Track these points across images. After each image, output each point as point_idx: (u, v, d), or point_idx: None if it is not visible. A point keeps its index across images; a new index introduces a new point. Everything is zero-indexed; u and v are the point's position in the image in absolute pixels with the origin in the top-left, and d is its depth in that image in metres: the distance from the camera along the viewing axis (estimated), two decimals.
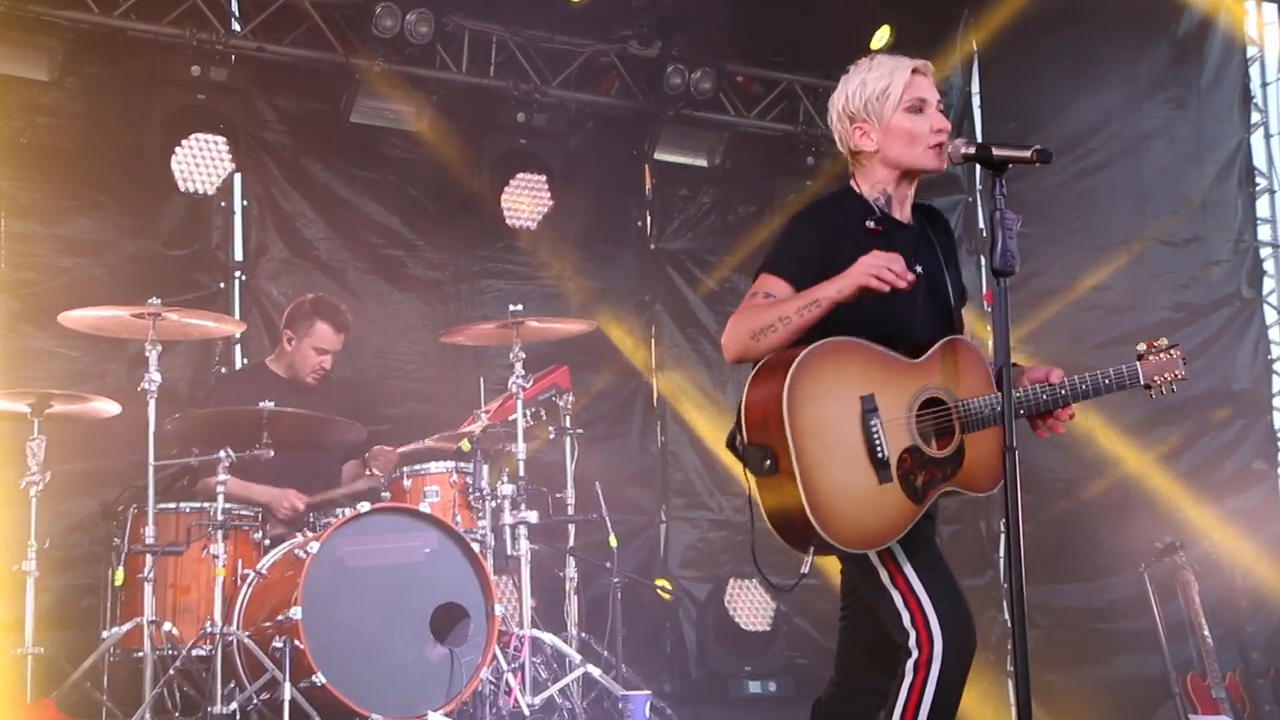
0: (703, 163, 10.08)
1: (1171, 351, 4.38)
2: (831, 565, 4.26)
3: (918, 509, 4.00)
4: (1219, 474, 10.36)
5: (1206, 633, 8.51)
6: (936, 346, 4.12)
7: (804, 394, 3.92)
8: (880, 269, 3.89)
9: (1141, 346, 4.36)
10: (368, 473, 7.53)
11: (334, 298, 8.05)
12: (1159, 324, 10.57)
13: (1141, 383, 4.33)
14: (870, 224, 4.17)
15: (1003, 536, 9.30)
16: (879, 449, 3.95)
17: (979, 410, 4.09)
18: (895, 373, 4.06)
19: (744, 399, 4.01)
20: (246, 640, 6.40)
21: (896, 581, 4.00)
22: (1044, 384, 4.21)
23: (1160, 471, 10.00)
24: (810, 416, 3.91)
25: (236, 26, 8.67)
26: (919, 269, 4.17)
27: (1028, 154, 3.88)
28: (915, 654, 3.94)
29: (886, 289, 3.90)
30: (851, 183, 4.31)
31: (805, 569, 3.96)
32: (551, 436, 7.63)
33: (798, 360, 3.93)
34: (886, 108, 4.19)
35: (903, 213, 4.28)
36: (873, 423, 3.96)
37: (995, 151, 3.92)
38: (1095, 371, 4.26)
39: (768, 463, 3.91)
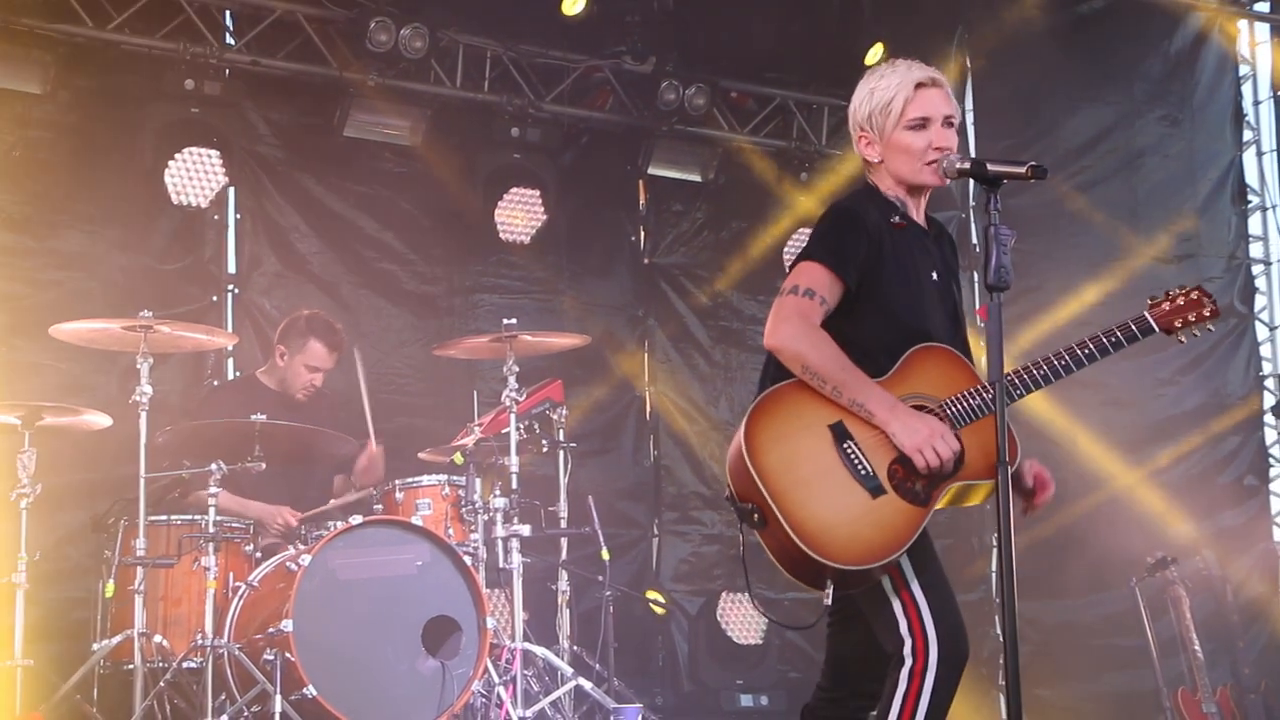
0: (696, 178, 10.08)
1: (1192, 293, 4.28)
2: None
3: (925, 511, 3.97)
4: (1211, 489, 10.37)
5: (1198, 648, 8.51)
6: (905, 356, 4.10)
7: (765, 438, 3.95)
8: (934, 453, 3.90)
9: (1154, 296, 4.27)
10: (355, 486, 7.55)
11: (327, 312, 8.05)
12: (1152, 339, 10.56)
13: (1157, 330, 4.26)
14: (895, 219, 4.19)
15: (995, 551, 9.30)
16: (860, 467, 3.95)
17: (963, 403, 4.06)
18: None
19: (727, 459, 4.05)
20: (237, 652, 6.39)
21: (899, 590, 3.99)
22: (1045, 357, 4.16)
23: (1152, 487, 10.01)
24: (776, 458, 3.93)
25: (230, 40, 8.69)
26: (934, 275, 4.23)
27: (1022, 170, 3.86)
28: (909, 662, 3.93)
29: (925, 467, 3.91)
30: (870, 182, 4.31)
31: (827, 600, 3.95)
32: (544, 450, 7.63)
33: (750, 409, 3.98)
34: (888, 123, 4.19)
35: (918, 218, 4.30)
36: (846, 445, 3.96)
37: (990, 167, 3.92)
38: (1099, 332, 4.20)
39: (756, 516, 3.93)
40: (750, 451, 3.92)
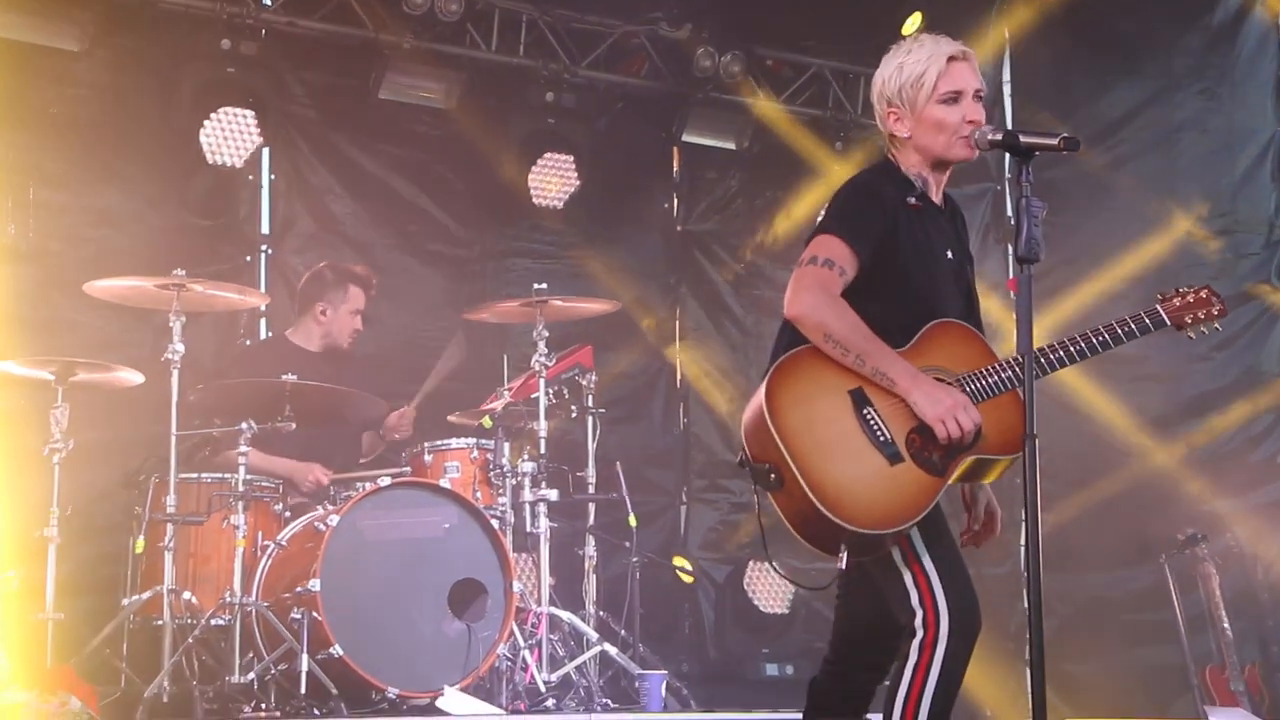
0: (731, 145, 10.03)
1: (1201, 292, 4.35)
2: None
3: (941, 481, 3.97)
4: (1243, 467, 10.29)
5: (1226, 625, 8.48)
6: (923, 330, 4.10)
7: (785, 400, 3.95)
8: (955, 423, 3.90)
9: (1167, 291, 4.33)
10: (384, 440, 7.62)
11: None
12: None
13: (1168, 323, 4.31)
14: (912, 199, 4.18)
15: (1023, 525, 9.28)
16: (879, 434, 3.95)
17: (982, 379, 4.06)
18: None
19: (744, 420, 4.04)
20: (265, 611, 6.44)
21: (909, 561, 3.98)
22: (1060, 341, 4.17)
23: (1183, 463, 9.95)
24: (797, 418, 3.93)
25: (267, 1, 8.67)
26: (949, 254, 4.22)
27: (1055, 141, 3.86)
28: (921, 634, 3.93)
29: (945, 438, 3.90)
30: (889, 158, 4.30)
31: (842, 565, 3.95)
32: (573, 415, 7.64)
33: (773, 369, 3.99)
34: (920, 96, 4.17)
35: (936, 196, 4.28)
36: (865, 411, 3.96)
37: (1022, 139, 3.91)
38: (1112, 321, 4.22)
39: (773, 476, 3.92)
40: (771, 412, 3.92)
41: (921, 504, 3.95)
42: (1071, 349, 4.16)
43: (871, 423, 3.96)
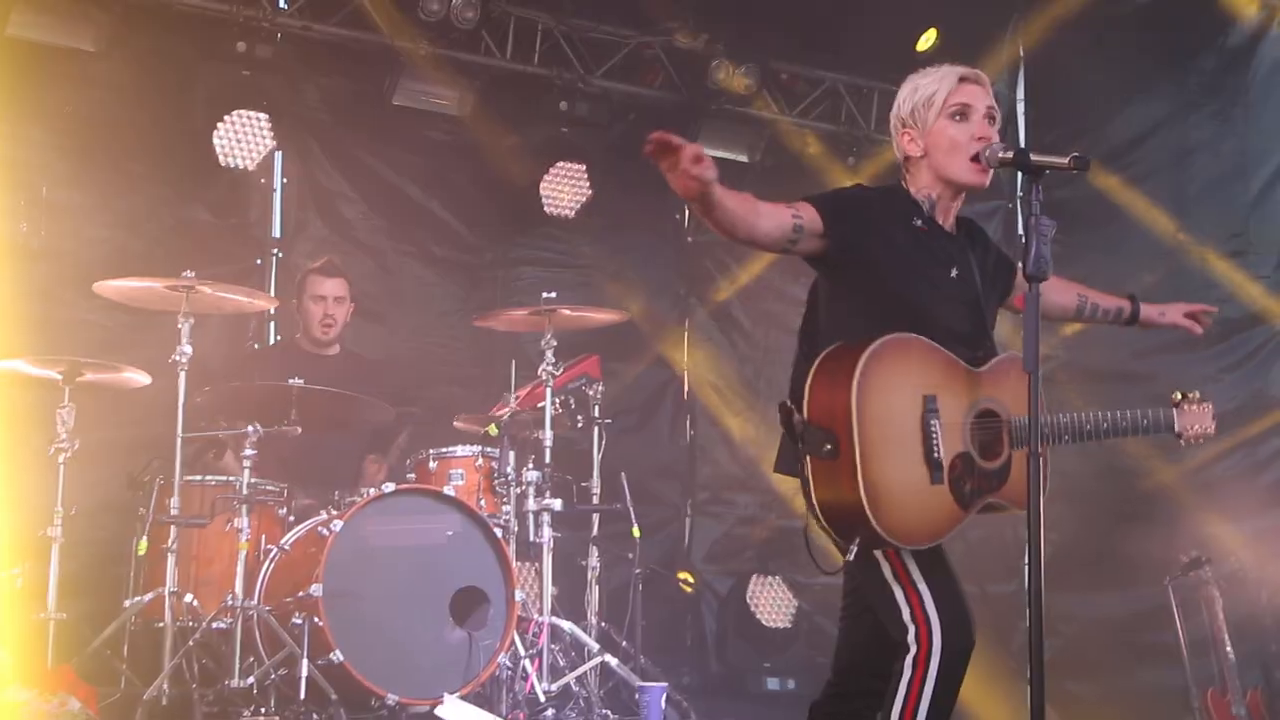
0: (743, 158, 10.03)
1: (1204, 406, 4.55)
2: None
3: (964, 514, 4.01)
4: (1250, 491, 10.26)
5: (1229, 649, 8.44)
6: (996, 360, 4.16)
7: (873, 384, 3.91)
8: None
9: (1177, 395, 4.52)
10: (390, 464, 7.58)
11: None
12: (1197, 337, 10.47)
13: (1175, 431, 4.53)
14: (918, 222, 4.20)
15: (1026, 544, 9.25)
16: (935, 449, 3.96)
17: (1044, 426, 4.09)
18: (957, 378, 4.07)
19: (811, 379, 3.98)
20: (266, 615, 6.44)
21: (899, 577, 4.00)
22: (1077, 416, 4.36)
23: (1190, 485, 9.92)
24: (877, 407, 3.91)
25: (283, 4, 8.69)
26: (954, 272, 4.22)
27: (1065, 161, 3.86)
28: (914, 650, 3.94)
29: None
30: (900, 183, 4.34)
31: (850, 557, 3.96)
32: (579, 425, 7.63)
33: (871, 350, 3.93)
34: (930, 113, 4.22)
35: (946, 222, 4.30)
36: (932, 423, 3.97)
37: (1032, 157, 3.92)
38: (1136, 411, 4.42)
39: (828, 446, 3.88)
40: (860, 390, 3.88)
41: (942, 531, 3.98)
42: (1097, 425, 4.38)
43: (932, 435, 3.97)
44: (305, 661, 6.22)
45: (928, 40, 9.43)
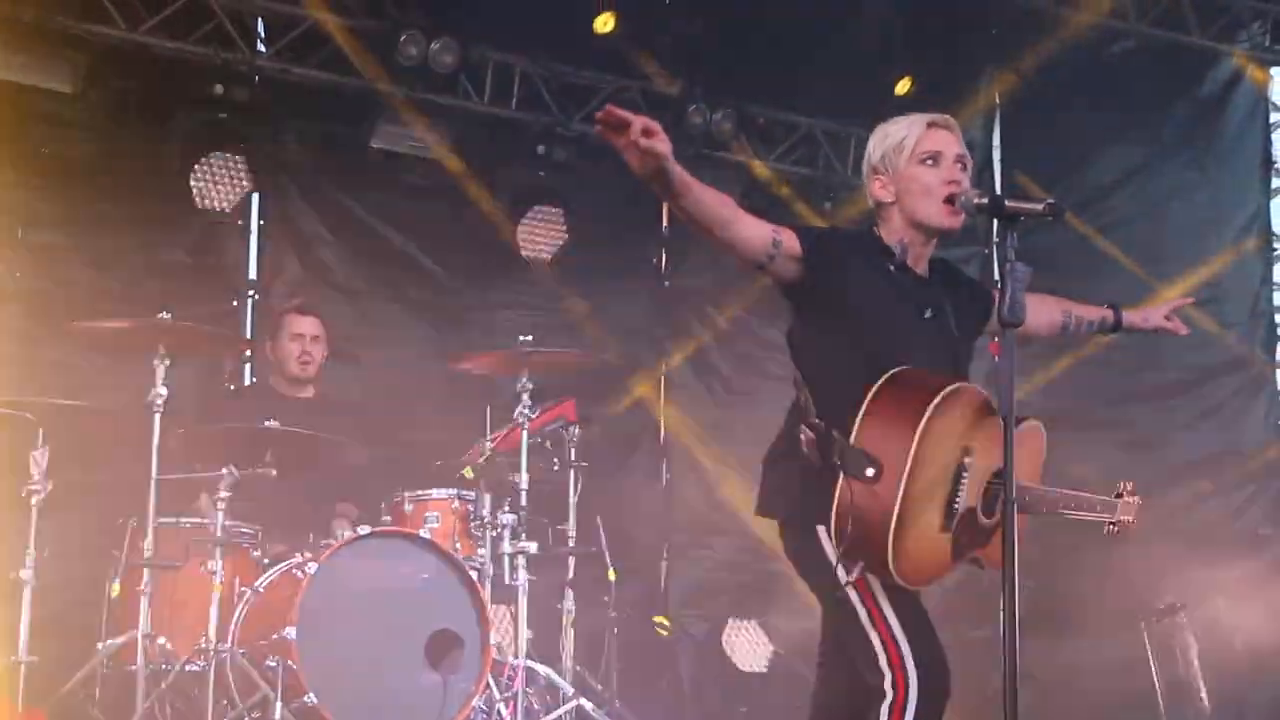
0: None
1: (1136, 499, 4.57)
2: None
3: (952, 566, 4.04)
4: (1225, 536, 10.31)
5: (1204, 695, 8.46)
6: (1026, 424, 4.21)
7: (940, 425, 3.92)
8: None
9: (1122, 486, 4.57)
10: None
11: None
12: (1171, 384, 10.56)
13: (1109, 520, 4.54)
14: (891, 267, 4.24)
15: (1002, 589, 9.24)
16: (958, 501, 3.98)
17: (1041, 495, 4.26)
18: (989, 434, 4.04)
19: (868, 404, 3.94)
20: (240, 658, 6.39)
21: (876, 623, 4.00)
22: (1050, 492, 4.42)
23: (1165, 530, 9.93)
24: (930, 450, 3.91)
25: (261, 47, 8.71)
26: (929, 314, 4.25)
27: (1039, 207, 3.86)
28: (890, 696, 3.94)
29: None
30: (872, 229, 4.37)
31: (851, 578, 3.96)
32: (555, 468, 7.62)
33: (946, 392, 3.93)
34: (901, 159, 4.26)
35: (919, 266, 4.32)
36: (964, 476, 3.99)
37: (1007, 204, 3.91)
38: (1093, 496, 4.49)
39: (870, 471, 3.86)
40: (924, 431, 3.87)
41: (931, 577, 4.01)
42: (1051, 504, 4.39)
43: (961, 486, 3.99)
44: (279, 704, 6.17)
45: (903, 87, 9.49)
